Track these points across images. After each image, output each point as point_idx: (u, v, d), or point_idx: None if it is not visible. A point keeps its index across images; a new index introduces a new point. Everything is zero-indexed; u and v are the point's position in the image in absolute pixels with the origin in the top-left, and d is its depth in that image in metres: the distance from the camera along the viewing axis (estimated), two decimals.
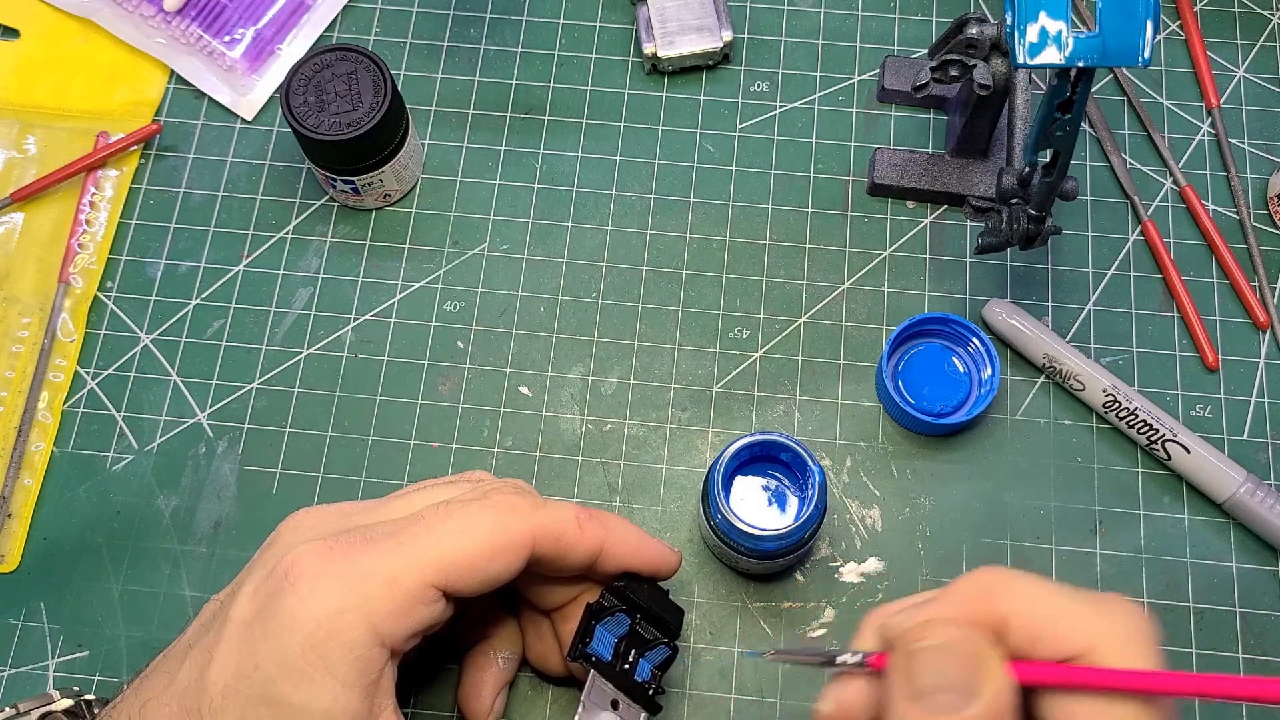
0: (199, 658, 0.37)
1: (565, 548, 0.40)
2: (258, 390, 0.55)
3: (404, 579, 0.37)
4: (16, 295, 0.56)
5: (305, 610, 0.36)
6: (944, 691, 0.30)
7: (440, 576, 0.37)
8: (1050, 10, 0.38)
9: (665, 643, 0.43)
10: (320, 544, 0.37)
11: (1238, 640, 0.50)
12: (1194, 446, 0.51)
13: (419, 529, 0.38)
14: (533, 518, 0.39)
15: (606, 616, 0.42)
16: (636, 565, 0.42)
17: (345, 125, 0.52)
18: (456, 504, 0.39)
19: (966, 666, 0.30)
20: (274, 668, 0.35)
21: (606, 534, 0.41)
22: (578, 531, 0.40)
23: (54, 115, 0.60)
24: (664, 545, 0.43)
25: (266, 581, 0.37)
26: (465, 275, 0.57)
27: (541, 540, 0.39)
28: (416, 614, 0.37)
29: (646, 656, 0.43)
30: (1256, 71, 0.60)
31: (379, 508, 0.41)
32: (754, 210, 0.58)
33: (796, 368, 0.55)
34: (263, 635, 0.36)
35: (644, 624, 0.43)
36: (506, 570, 0.39)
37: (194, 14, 0.61)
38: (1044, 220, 0.49)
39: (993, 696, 0.29)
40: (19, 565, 0.52)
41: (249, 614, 0.37)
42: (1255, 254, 0.56)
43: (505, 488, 0.41)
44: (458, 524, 0.38)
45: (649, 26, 0.59)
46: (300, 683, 0.35)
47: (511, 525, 0.39)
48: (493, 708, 0.46)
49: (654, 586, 0.44)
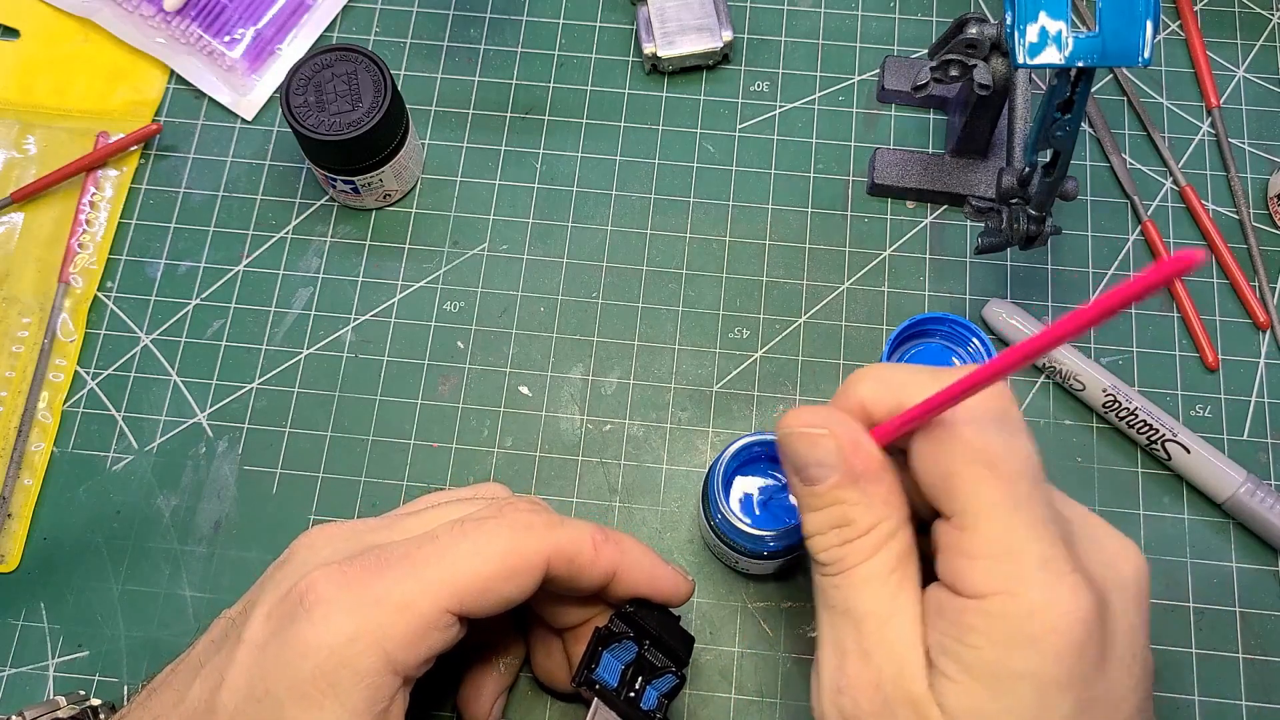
0: (210, 677, 0.37)
1: (579, 569, 0.40)
2: (258, 390, 0.55)
3: (418, 604, 0.36)
4: (16, 295, 0.56)
5: (318, 637, 0.35)
6: (810, 466, 0.35)
7: (455, 600, 0.37)
8: (1050, 10, 0.39)
9: (673, 671, 0.43)
10: (335, 568, 0.37)
11: (1238, 640, 0.50)
12: (1194, 446, 0.51)
13: (432, 550, 0.38)
14: (548, 538, 0.39)
15: (614, 643, 0.42)
16: (648, 591, 0.42)
17: (345, 125, 0.52)
18: (471, 523, 0.39)
19: (815, 443, 0.35)
20: (284, 693, 0.35)
21: (621, 557, 0.41)
22: (593, 553, 0.40)
23: (54, 115, 0.60)
24: (678, 572, 0.43)
25: (281, 605, 0.37)
26: (465, 275, 0.57)
27: (556, 561, 0.39)
28: (430, 640, 0.37)
29: (653, 684, 0.42)
30: (1256, 71, 0.60)
31: (393, 525, 0.40)
32: (754, 210, 0.58)
33: (796, 368, 0.55)
34: (275, 659, 0.36)
35: (652, 650, 0.42)
36: (520, 592, 0.38)
37: (194, 14, 0.61)
38: (1044, 220, 0.49)
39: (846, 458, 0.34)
40: (19, 565, 0.52)
41: (262, 637, 0.36)
42: (1255, 254, 0.56)
43: (520, 504, 0.40)
44: (472, 545, 0.38)
45: (649, 26, 0.59)
46: (310, 709, 0.35)
47: (527, 545, 0.38)
48: (491, 711, 0.46)
49: (665, 613, 0.43)
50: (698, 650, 0.50)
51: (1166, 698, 0.49)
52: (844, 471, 0.34)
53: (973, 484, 0.33)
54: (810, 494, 0.35)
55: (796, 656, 0.50)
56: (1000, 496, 0.32)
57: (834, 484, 0.35)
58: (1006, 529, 0.32)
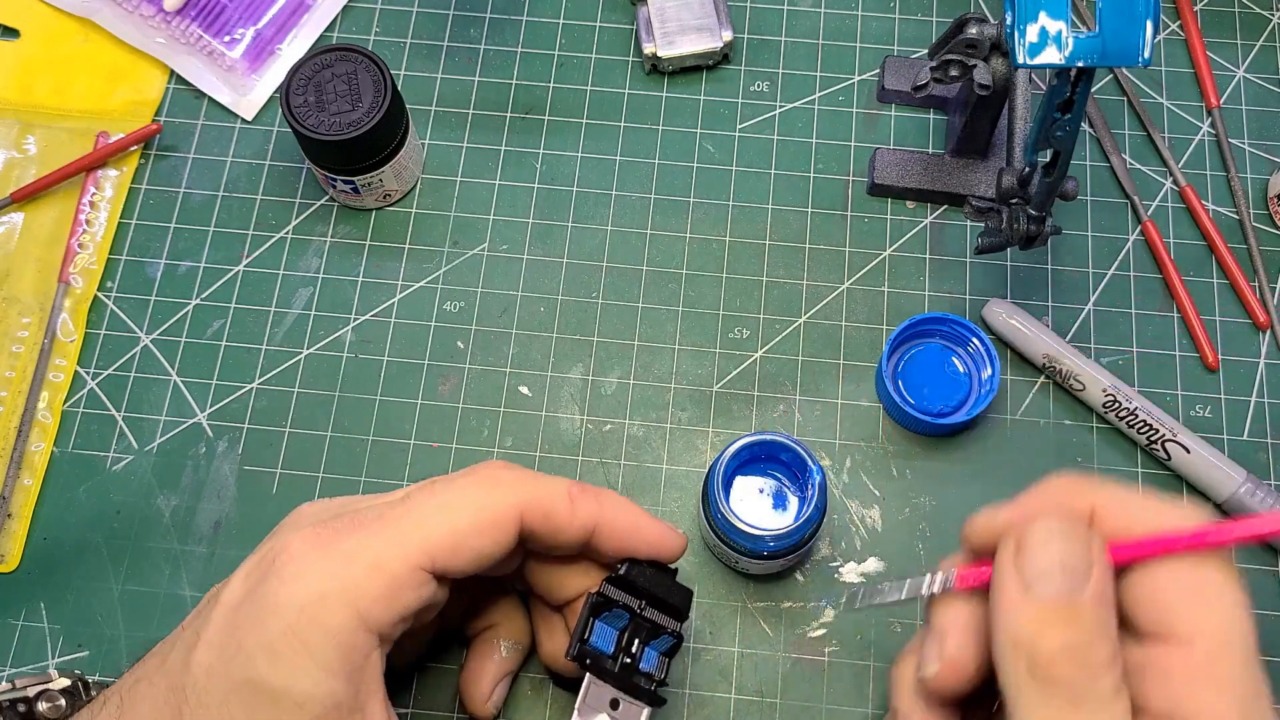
0: (188, 639, 0.37)
1: (557, 523, 0.39)
2: (258, 390, 0.55)
3: (389, 562, 0.36)
4: (16, 295, 0.56)
5: (288, 594, 0.35)
6: (1056, 575, 0.30)
7: (426, 558, 0.37)
8: (1050, 10, 0.38)
9: (669, 631, 0.42)
10: (310, 531, 0.37)
11: None
12: (1194, 446, 0.51)
13: (403, 509, 0.38)
14: (520, 490, 0.39)
15: (607, 610, 0.41)
16: (635, 546, 0.41)
17: (345, 125, 0.52)
18: (441, 481, 0.39)
19: (1076, 548, 0.30)
20: (256, 650, 0.35)
21: (600, 509, 0.40)
22: (569, 505, 0.39)
23: (54, 115, 0.60)
24: (667, 527, 0.42)
25: (257, 567, 0.37)
26: (465, 275, 0.57)
27: (530, 514, 0.38)
28: (403, 598, 0.36)
29: (652, 645, 0.42)
30: (1256, 71, 0.60)
31: (378, 496, 0.41)
32: (754, 210, 0.58)
33: (796, 368, 0.55)
34: (247, 618, 0.36)
35: (649, 610, 0.42)
36: (495, 546, 0.38)
37: (194, 14, 0.61)
38: (1044, 220, 0.49)
39: (1101, 575, 0.30)
40: (19, 565, 0.52)
41: (237, 597, 0.37)
42: (1255, 254, 0.56)
43: (493, 462, 0.40)
44: (440, 500, 0.38)
45: (649, 26, 0.59)
46: (280, 665, 0.35)
47: (497, 499, 0.38)
48: (492, 695, 0.46)
49: (658, 568, 0.42)
50: (698, 650, 0.50)
51: None
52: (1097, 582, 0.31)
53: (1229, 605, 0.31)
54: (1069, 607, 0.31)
55: (796, 657, 0.50)
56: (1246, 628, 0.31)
57: (1089, 595, 0.31)
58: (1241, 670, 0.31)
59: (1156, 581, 0.32)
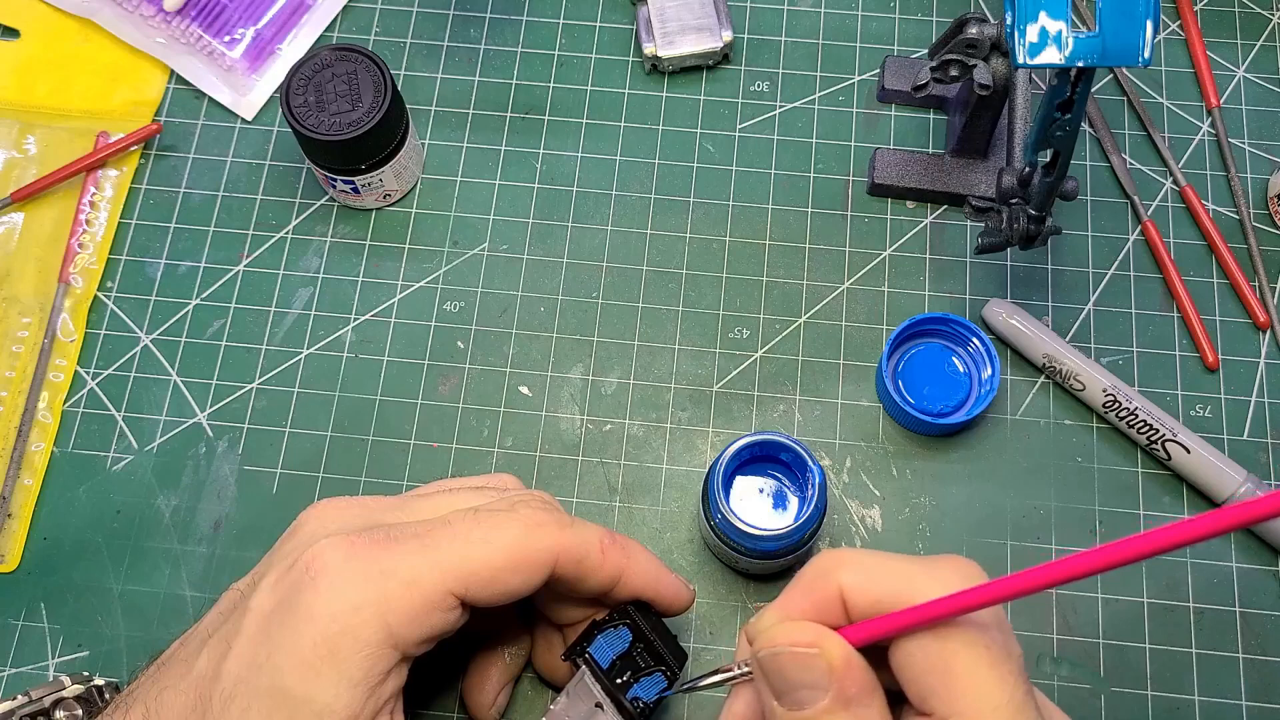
0: (218, 647, 0.37)
1: (586, 570, 0.40)
2: (258, 390, 0.55)
3: (424, 582, 0.37)
4: (16, 295, 0.56)
5: (323, 604, 0.36)
6: (797, 689, 0.32)
7: (460, 585, 0.37)
8: (1050, 10, 0.38)
9: (661, 671, 0.42)
10: (344, 539, 0.37)
11: (1238, 641, 0.50)
12: (1194, 446, 0.51)
13: (445, 534, 0.38)
14: (558, 537, 0.39)
15: (609, 628, 0.42)
16: (651, 596, 0.42)
17: (345, 125, 0.52)
18: (485, 513, 0.39)
19: (806, 664, 0.32)
20: (285, 659, 0.35)
21: (628, 562, 0.41)
22: (600, 556, 0.40)
23: (54, 115, 0.60)
24: (681, 581, 0.43)
25: (289, 574, 0.37)
26: (465, 275, 0.57)
27: (564, 560, 0.39)
28: (432, 619, 0.37)
29: (640, 683, 0.42)
30: (1256, 71, 0.60)
31: (403, 506, 0.41)
32: (754, 210, 0.58)
33: (796, 368, 0.55)
34: (279, 627, 0.36)
35: (644, 654, 0.42)
36: (525, 585, 0.39)
37: (194, 14, 0.61)
38: (1044, 220, 0.49)
39: (839, 680, 0.31)
40: (19, 565, 0.52)
41: (269, 605, 0.37)
42: (1255, 254, 0.56)
43: (534, 501, 0.41)
44: (484, 534, 0.38)
45: (649, 26, 0.59)
46: (307, 676, 0.35)
47: (537, 542, 0.39)
48: (496, 701, 0.46)
49: (664, 624, 0.43)
50: (698, 650, 0.50)
51: (1167, 698, 0.49)
52: (836, 695, 0.31)
53: (977, 686, 0.31)
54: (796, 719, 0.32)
55: None
56: (1004, 700, 0.31)
57: (824, 708, 0.32)
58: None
59: (910, 657, 0.32)
